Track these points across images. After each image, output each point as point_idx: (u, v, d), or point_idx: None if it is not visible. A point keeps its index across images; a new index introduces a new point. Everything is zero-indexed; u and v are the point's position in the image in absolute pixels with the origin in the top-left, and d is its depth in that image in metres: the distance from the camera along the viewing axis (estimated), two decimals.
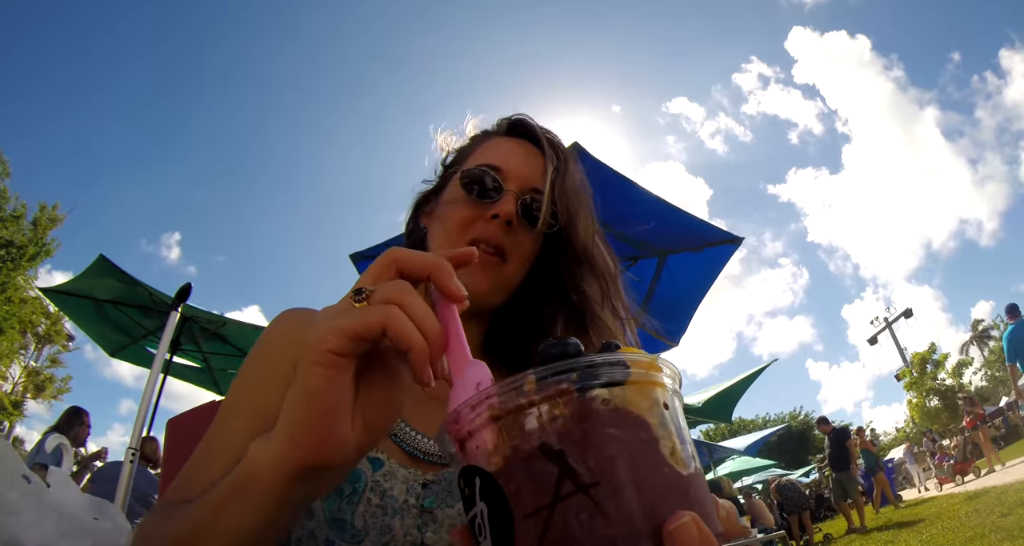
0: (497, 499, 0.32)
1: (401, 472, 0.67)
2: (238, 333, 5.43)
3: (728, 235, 3.64)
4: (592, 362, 0.33)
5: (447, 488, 0.68)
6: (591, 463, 0.30)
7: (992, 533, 4.75)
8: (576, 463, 0.30)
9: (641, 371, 0.33)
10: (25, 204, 18.58)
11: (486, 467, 0.33)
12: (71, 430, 4.54)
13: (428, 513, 0.65)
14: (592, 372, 0.32)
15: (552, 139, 0.86)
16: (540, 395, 0.32)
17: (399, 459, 0.68)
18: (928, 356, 32.55)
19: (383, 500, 0.64)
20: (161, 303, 4.80)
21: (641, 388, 0.33)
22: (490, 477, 0.32)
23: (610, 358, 0.33)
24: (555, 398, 0.32)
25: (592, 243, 0.82)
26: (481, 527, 0.33)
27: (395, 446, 0.69)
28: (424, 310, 0.39)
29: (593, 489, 0.30)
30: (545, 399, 0.32)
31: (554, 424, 0.31)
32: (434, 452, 0.70)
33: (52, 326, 21.69)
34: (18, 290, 18.47)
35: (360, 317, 0.37)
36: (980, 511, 6.02)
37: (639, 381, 0.33)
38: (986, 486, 7.06)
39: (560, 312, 0.82)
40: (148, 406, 3.24)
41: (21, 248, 18.13)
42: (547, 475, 0.31)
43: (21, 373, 21.59)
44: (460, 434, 0.35)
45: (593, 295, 0.80)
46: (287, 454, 0.38)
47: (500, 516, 0.32)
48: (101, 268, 4.67)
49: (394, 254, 0.42)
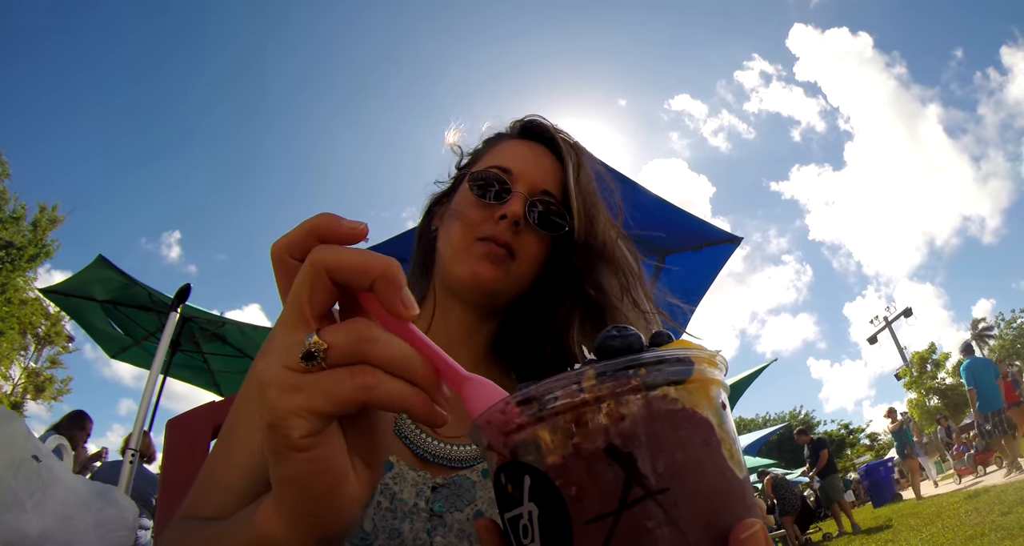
0: (552, 501, 0.29)
1: (411, 475, 0.66)
2: (237, 334, 5.43)
3: (728, 235, 3.64)
4: (660, 357, 0.30)
5: (456, 492, 0.67)
6: (660, 468, 0.28)
7: (992, 532, 4.74)
8: (644, 467, 0.28)
9: (704, 367, 0.31)
10: (24, 205, 18.59)
11: (539, 466, 0.30)
12: (71, 433, 4.54)
13: (437, 517, 0.65)
14: (659, 368, 0.30)
15: (565, 139, 0.86)
16: (605, 391, 0.29)
17: (408, 461, 0.67)
18: (928, 356, 32.55)
19: (392, 503, 0.64)
20: (160, 303, 4.80)
21: (704, 386, 0.31)
22: (545, 477, 0.30)
23: (676, 353, 0.31)
24: (622, 396, 0.29)
25: (611, 239, 0.81)
26: (527, 529, 0.30)
27: (405, 448, 0.69)
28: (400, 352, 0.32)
29: (661, 496, 0.28)
30: (611, 396, 0.29)
31: (621, 424, 0.29)
32: (443, 455, 0.70)
33: (52, 327, 21.66)
34: (18, 291, 18.47)
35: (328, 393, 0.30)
36: (980, 510, 6.01)
37: (702, 378, 0.31)
38: (986, 485, 7.06)
39: (577, 309, 0.80)
40: (148, 407, 3.24)
41: (21, 249, 18.13)
42: (613, 479, 0.28)
43: (21, 374, 21.58)
44: (507, 427, 0.31)
45: (612, 289, 0.79)
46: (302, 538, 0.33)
47: (555, 520, 0.29)
48: (100, 268, 4.67)
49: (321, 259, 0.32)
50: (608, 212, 0.84)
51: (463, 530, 0.66)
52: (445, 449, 0.70)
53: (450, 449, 0.70)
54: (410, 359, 0.32)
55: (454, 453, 0.70)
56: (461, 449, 0.71)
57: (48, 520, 1.55)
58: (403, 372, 0.32)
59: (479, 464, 0.71)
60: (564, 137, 0.86)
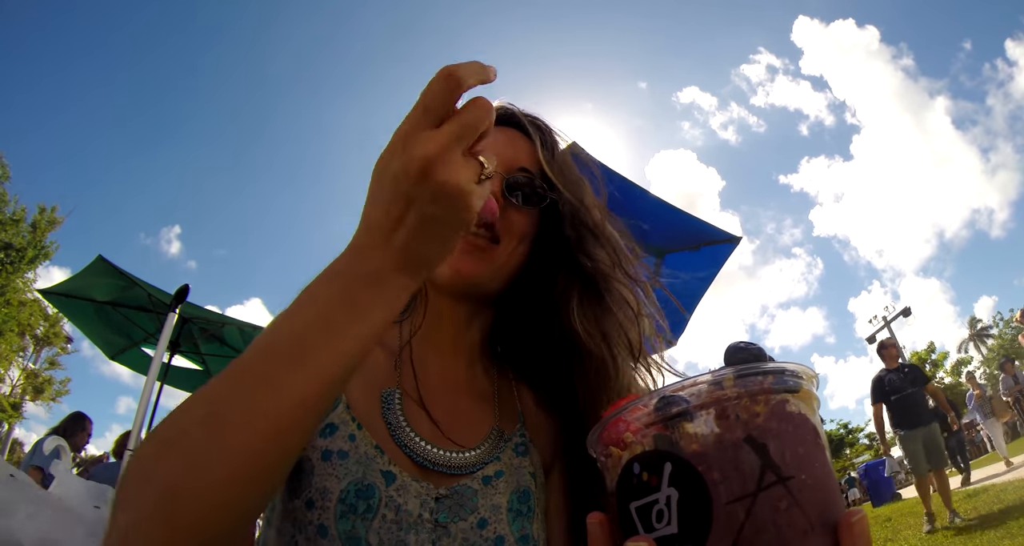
0: (693, 485, 0.33)
1: (414, 485, 0.66)
2: (237, 335, 5.43)
3: (726, 234, 3.64)
4: (783, 368, 0.35)
5: (459, 501, 0.67)
6: (787, 458, 0.33)
7: (992, 530, 4.75)
8: (776, 457, 0.33)
9: (808, 383, 0.37)
10: (24, 208, 18.57)
11: (681, 454, 0.34)
12: (72, 435, 4.54)
13: (442, 528, 0.65)
14: (781, 377, 0.35)
15: (536, 121, 0.84)
16: (743, 391, 0.34)
17: (411, 471, 0.67)
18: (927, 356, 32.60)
19: (398, 515, 0.63)
20: (159, 304, 4.79)
21: (810, 398, 0.36)
22: (687, 464, 0.33)
23: (792, 367, 0.36)
24: (756, 395, 0.34)
25: (595, 210, 0.80)
26: (663, 513, 0.34)
27: (405, 457, 0.68)
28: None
29: (790, 482, 0.32)
30: (747, 395, 0.34)
31: (756, 420, 0.34)
32: (444, 462, 0.69)
33: (51, 328, 21.66)
34: (17, 292, 18.45)
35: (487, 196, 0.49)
36: (980, 509, 6.02)
37: (809, 391, 0.36)
38: (985, 484, 7.06)
39: (573, 284, 0.78)
40: (147, 408, 3.23)
41: (20, 251, 18.11)
42: (750, 465, 0.33)
43: (20, 375, 21.56)
44: (647, 419, 0.35)
45: (603, 259, 0.78)
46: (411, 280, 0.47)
47: (695, 502, 0.32)
48: (99, 268, 4.66)
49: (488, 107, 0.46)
50: (588, 186, 0.82)
51: (467, 539, 0.66)
52: (445, 457, 0.69)
53: (450, 456, 0.70)
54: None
55: (454, 460, 0.70)
56: (461, 456, 0.71)
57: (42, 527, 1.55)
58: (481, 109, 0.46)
59: (479, 471, 0.71)
60: (533, 119, 0.84)
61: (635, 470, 0.36)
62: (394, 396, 0.71)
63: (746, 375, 0.35)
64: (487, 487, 0.70)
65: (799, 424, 0.35)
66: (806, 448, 0.34)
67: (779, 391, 0.35)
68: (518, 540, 0.68)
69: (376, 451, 0.66)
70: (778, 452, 0.33)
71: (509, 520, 0.69)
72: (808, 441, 0.34)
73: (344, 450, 0.65)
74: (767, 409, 0.34)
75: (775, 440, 0.33)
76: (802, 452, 0.34)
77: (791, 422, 0.34)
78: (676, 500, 0.33)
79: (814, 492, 0.33)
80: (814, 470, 0.34)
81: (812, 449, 0.34)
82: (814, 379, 0.37)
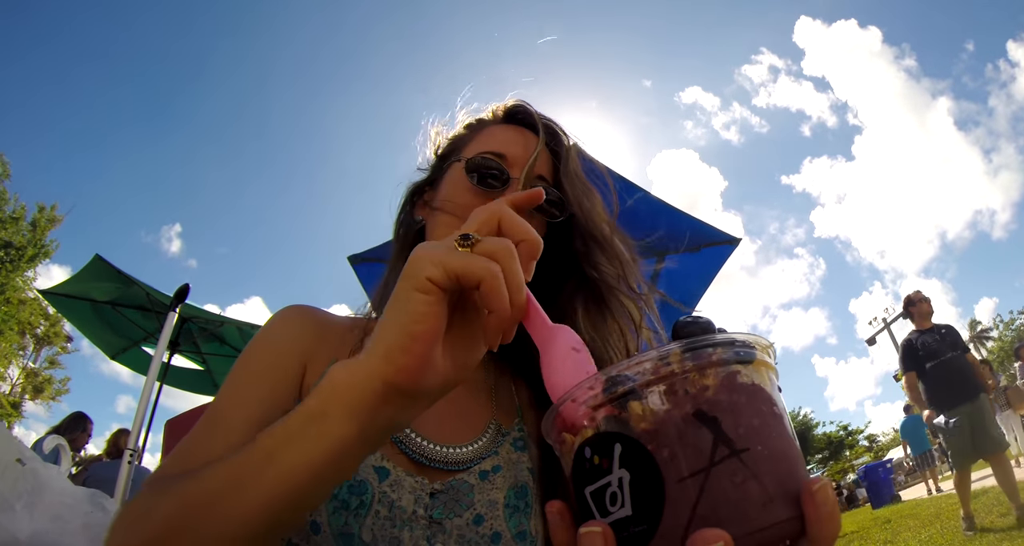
0: (644, 465, 0.32)
1: (408, 481, 0.65)
2: (236, 334, 5.43)
3: (727, 236, 3.64)
4: (732, 339, 0.35)
5: (455, 496, 0.66)
6: (740, 431, 0.32)
7: (991, 533, 4.74)
8: (728, 429, 0.32)
9: (762, 353, 0.36)
10: (24, 206, 18.58)
11: (630, 434, 0.33)
12: (72, 435, 4.54)
13: (437, 524, 0.64)
14: (731, 348, 0.34)
15: (551, 126, 0.84)
16: (690, 365, 0.33)
17: (405, 467, 0.66)
18: None
19: (391, 511, 0.62)
20: (158, 303, 4.79)
21: (763, 368, 0.36)
22: (636, 443, 0.33)
23: (743, 338, 0.35)
24: (704, 369, 0.33)
25: (604, 224, 0.80)
26: (616, 496, 0.33)
27: (400, 453, 0.67)
28: (520, 282, 0.41)
29: (744, 454, 0.32)
30: (695, 369, 0.33)
31: (704, 393, 0.33)
32: (440, 458, 0.68)
33: (51, 327, 21.64)
34: (17, 291, 18.46)
35: (463, 261, 0.39)
36: (979, 511, 6.01)
37: (763, 361, 0.36)
38: (985, 486, 7.05)
39: (578, 295, 0.79)
40: (147, 407, 3.23)
41: (20, 249, 18.12)
42: (701, 440, 0.32)
43: (20, 374, 21.57)
44: (596, 401, 0.35)
45: (609, 271, 0.78)
46: (380, 371, 0.39)
47: (647, 482, 0.32)
48: (97, 268, 4.66)
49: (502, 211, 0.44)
50: (598, 197, 0.82)
51: (463, 536, 0.65)
52: (441, 452, 0.69)
53: (446, 452, 0.69)
54: (522, 289, 0.41)
55: (450, 456, 0.69)
56: (457, 451, 0.70)
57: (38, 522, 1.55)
58: (512, 291, 0.40)
59: (475, 466, 0.70)
60: (547, 123, 0.84)
61: (587, 454, 0.35)
62: None
63: (694, 348, 0.34)
64: (484, 482, 0.69)
65: (752, 395, 0.34)
66: (761, 419, 0.33)
67: (730, 363, 0.34)
68: (515, 537, 0.67)
69: None
70: (730, 425, 0.32)
71: (506, 516, 0.68)
72: (763, 412, 0.34)
73: None
74: (717, 381, 0.33)
75: (727, 413, 0.33)
76: (757, 423, 0.33)
77: (743, 393, 0.34)
78: (628, 481, 0.32)
79: (772, 463, 0.32)
80: (770, 441, 0.33)
81: (768, 420, 0.34)
82: (768, 349, 0.37)
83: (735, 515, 0.31)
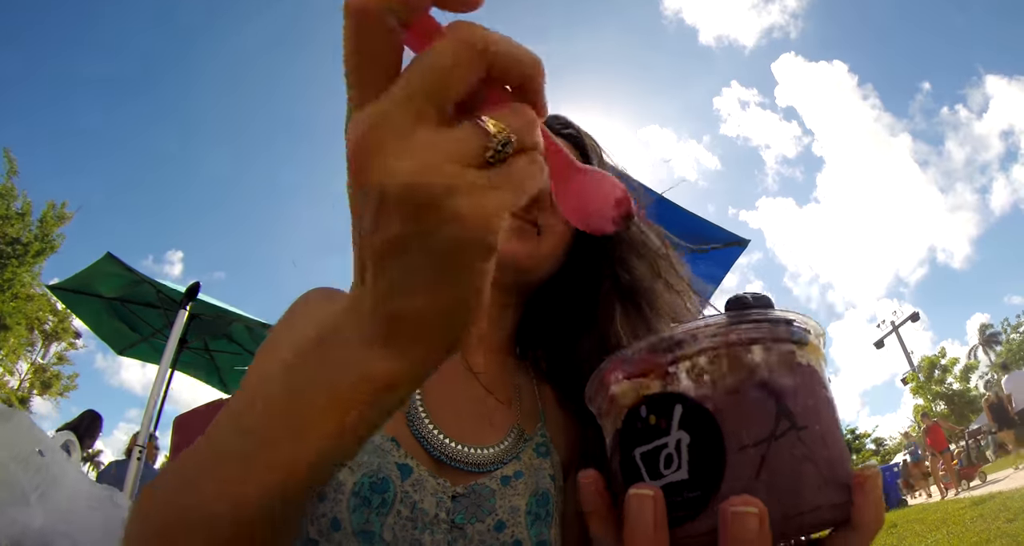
0: (706, 429, 0.31)
1: (430, 482, 0.64)
2: (244, 332, 5.46)
3: (735, 237, 3.62)
4: (791, 319, 0.34)
5: (476, 501, 0.66)
6: (799, 408, 0.32)
7: (997, 539, 4.71)
8: (790, 404, 0.32)
9: (815, 338, 0.36)
10: (31, 202, 18.69)
11: (694, 397, 0.32)
12: (83, 432, 4.57)
13: (459, 529, 0.63)
14: (790, 327, 0.34)
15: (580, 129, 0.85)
16: (754, 336, 0.33)
17: (428, 466, 0.65)
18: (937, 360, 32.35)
19: (413, 512, 0.62)
20: (167, 300, 4.82)
21: (816, 351, 0.35)
22: (699, 407, 0.32)
23: (802, 319, 0.35)
24: (767, 343, 0.33)
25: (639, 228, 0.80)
26: (672, 458, 0.32)
27: (422, 450, 0.66)
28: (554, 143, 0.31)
29: (803, 432, 0.31)
30: (758, 341, 0.33)
31: (767, 367, 0.33)
32: (461, 458, 0.68)
33: (59, 323, 21.79)
34: (24, 286, 18.59)
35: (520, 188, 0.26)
36: (986, 516, 5.97)
37: (815, 346, 0.35)
38: (992, 491, 7.01)
39: (613, 296, 0.78)
40: (155, 404, 3.25)
41: (27, 245, 18.24)
42: (764, 412, 0.31)
43: (28, 370, 21.72)
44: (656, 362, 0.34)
45: (646, 273, 0.77)
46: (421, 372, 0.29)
47: (708, 446, 0.31)
48: (107, 265, 4.69)
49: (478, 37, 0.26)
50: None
51: (484, 542, 0.64)
52: (463, 452, 0.68)
53: (468, 452, 0.68)
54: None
55: (472, 457, 0.68)
56: (479, 452, 0.69)
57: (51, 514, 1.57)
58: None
59: (497, 471, 0.69)
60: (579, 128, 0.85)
61: (642, 413, 0.34)
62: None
63: (757, 321, 0.33)
64: (505, 488, 0.68)
65: (809, 375, 0.33)
66: (816, 401, 0.33)
67: (789, 341, 0.34)
68: (536, 545, 0.66)
69: (392, 444, 0.64)
70: (791, 401, 0.32)
71: (527, 524, 0.67)
72: (818, 394, 0.33)
73: None
74: (778, 358, 0.33)
75: (788, 389, 0.32)
76: (812, 404, 0.33)
77: (801, 373, 0.33)
78: (687, 444, 0.31)
79: (826, 445, 0.32)
80: (825, 423, 0.33)
81: (822, 403, 0.33)
82: (821, 336, 0.36)
83: (791, 490, 0.30)
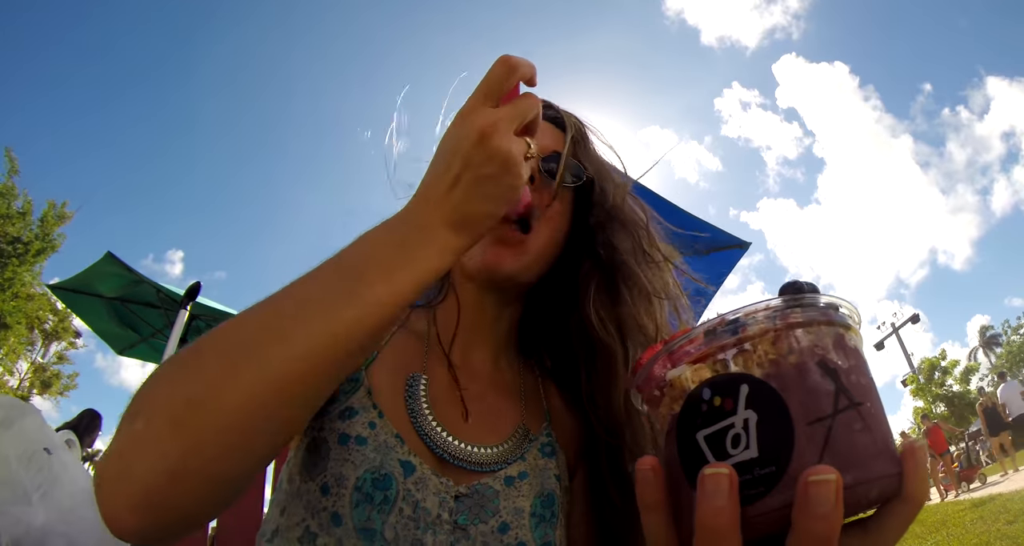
0: (773, 407, 0.33)
1: (433, 481, 0.63)
2: None
3: (736, 239, 3.61)
4: (839, 304, 0.37)
5: (480, 502, 0.65)
6: (854, 386, 0.34)
7: (997, 541, 4.71)
8: (847, 382, 0.34)
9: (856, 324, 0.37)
10: (31, 201, 18.69)
11: (758, 376, 0.34)
12: (83, 431, 4.57)
13: (461, 530, 0.63)
14: (838, 313, 0.36)
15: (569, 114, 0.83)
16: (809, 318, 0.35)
17: (431, 464, 0.65)
18: (937, 362, 32.32)
19: (415, 512, 0.61)
20: (167, 300, 4.82)
21: (860, 335, 0.38)
22: (766, 385, 0.33)
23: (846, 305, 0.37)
24: (821, 325, 0.35)
25: (621, 199, 0.80)
26: (740, 437, 0.33)
27: (425, 448, 0.66)
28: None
29: (860, 407, 0.33)
30: (813, 323, 0.35)
31: (823, 346, 0.34)
32: (464, 457, 0.67)
33: (60, 323, 21.78)
34: (24, 286, 18.59)
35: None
36: (986, 518, 5.97)
37: (857, 329, 0.37)
38: (992, 493, 7.01)
39: (593, 273, 0.78)
40: None
41: (27, 244, 18.24)
42: (825, 389, 0.33)
43: (28, 369, 21.71)
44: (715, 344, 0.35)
45: (624, 247, 0.77)
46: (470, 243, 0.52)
47: (777, 423, 0.32)
48: (107, 265, 4.68)
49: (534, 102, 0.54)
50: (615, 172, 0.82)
51: (487, 543, 0.63)
52: (467, 451, 0.67)
53: (472, 451, 0.67)
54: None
55: (475, 456, 0.67)
56: (482, 451, 0.68)
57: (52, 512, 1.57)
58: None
59: (501, 471, 0.68)
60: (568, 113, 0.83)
61: (705, 396, 0.35)
62: (419, 381, 0.70)
63: (811, 305, 0.35)
64: (509, 488, 0.67)
65: (857, 357, 0.35)
66: (867, 380, 0.35)
67: (838, 324, 0.36)
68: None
69: (396, 440, 0.64)
70: (846, 378, 0.34)
71: (532, 526, 0.66)
72: (867, 373, 0.35)
73: (363, 436, 0.63)
74: (831, 339, 0.35)
75: (843, 368, 0.34)
76: (864, 382, 0.34)
77: (852, 354, 0.35)
78: (755, 423, 0.33)
79: (878, 421, 0.34)
80: (875, 400, 0.34)
81: (870, 382, 0.35)
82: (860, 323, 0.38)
83: (855, 462, 0.32)
